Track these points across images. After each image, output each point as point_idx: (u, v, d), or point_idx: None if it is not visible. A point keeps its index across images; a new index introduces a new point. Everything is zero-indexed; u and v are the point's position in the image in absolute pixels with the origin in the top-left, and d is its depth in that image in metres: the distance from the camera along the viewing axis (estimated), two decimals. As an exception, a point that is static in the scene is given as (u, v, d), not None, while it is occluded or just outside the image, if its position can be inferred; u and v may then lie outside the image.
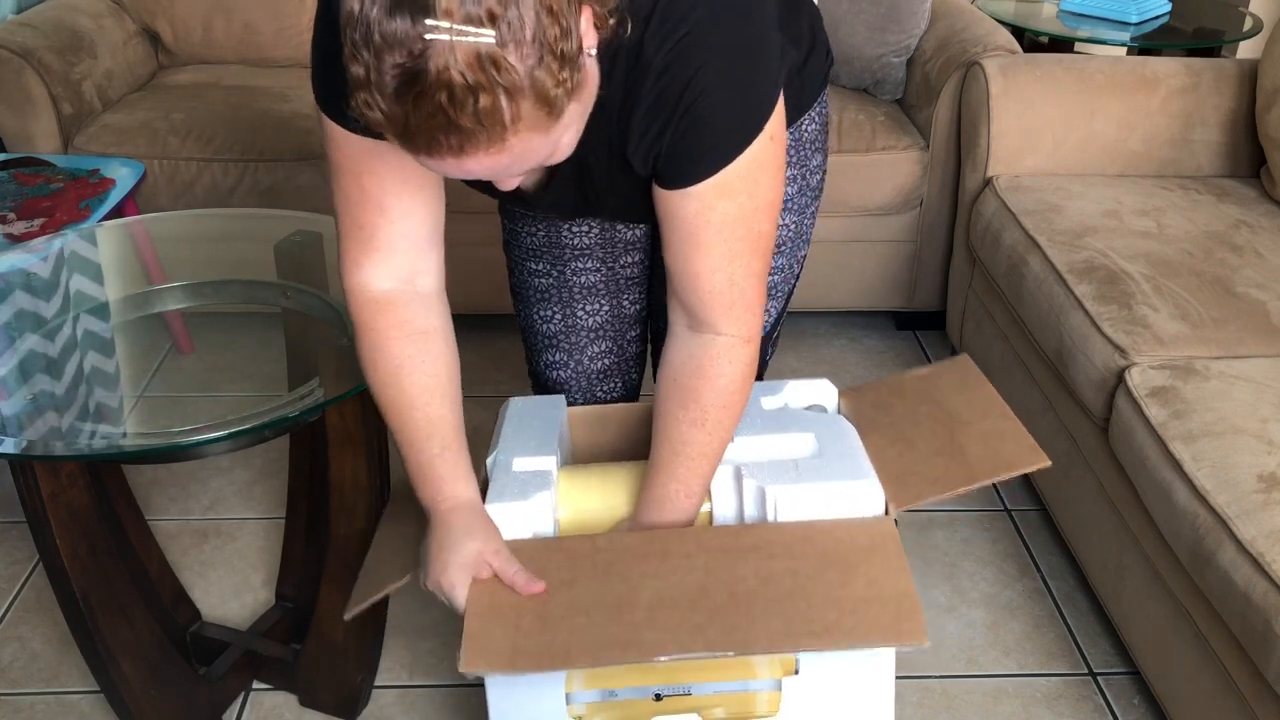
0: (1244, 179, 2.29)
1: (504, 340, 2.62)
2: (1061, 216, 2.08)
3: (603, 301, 1.42)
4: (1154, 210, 2.11)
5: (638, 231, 1.39)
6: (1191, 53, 2.86)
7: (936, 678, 1.74)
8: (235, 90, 2.62)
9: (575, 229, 1.36)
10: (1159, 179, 2.28)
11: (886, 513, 1.15)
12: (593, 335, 1.44)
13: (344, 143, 1.04)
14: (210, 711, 1.60)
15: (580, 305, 1.41)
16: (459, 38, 0.77)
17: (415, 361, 1.15)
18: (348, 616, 1.17)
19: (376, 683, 1.70)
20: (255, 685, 1.70)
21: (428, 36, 0.77)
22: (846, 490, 1.14)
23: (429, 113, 0.79)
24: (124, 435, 1.46)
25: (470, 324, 2.61)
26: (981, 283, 2.28)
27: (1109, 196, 2.16)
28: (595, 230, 1.37)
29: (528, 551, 1.12)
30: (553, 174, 1.11)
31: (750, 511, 1.18)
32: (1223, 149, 2.31)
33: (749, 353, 1.12)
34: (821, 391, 1.35)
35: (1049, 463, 1.13)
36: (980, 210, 2.27)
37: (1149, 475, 1.55)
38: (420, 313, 1.15)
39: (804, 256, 1.39)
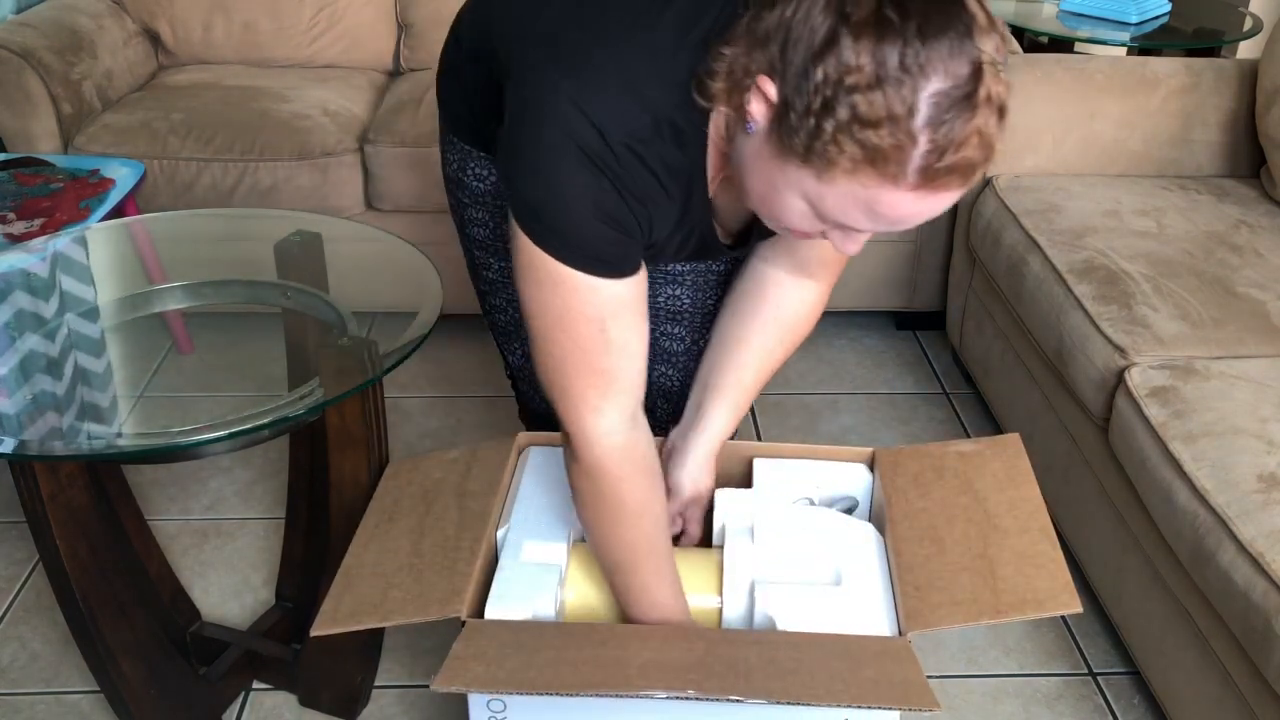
0: (1244, 179, 2.29)
1: (504, 340, 2.62)
2: (1061, 216, 2.08)
3: None
4: (1154, 210, 2.11)
5: None
6: (1191, 53, 2.86)
7: (936, 678, 1.74)
8: (235, 90, 2.62)
9: None
10: (1159, 179, 2.28)
11: (901, 633, 1.14)
12: None
13: (594, 293, 1.01)
14: (210, 711, 1.60)
15: None
16: (1000, 56, 0.82)
17: (653, 501, 1.14)
18: (314, 634, 1.16)
19: (376, 683, 1.70)
20: (255, 685, 1.70)
21: (983, 59, 0.81)
22: (860, 631, 1.14)
23: (970, 134, 0.83)
24: (122, 435, 1.46)
25: (471, 324, 2.61)
26: (981, 283, 2.28)
27: (1109, 196, 2.16)
28: None
29: (521, 631, 1.11)
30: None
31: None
32: (1223, 149, 2.30)
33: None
34: (856, 478, 1.34)
35: (1080, 609, 1.11)
36: (980, 210, 2.27)
37: (1149, 475, 1.55)
38: (648, 448, 1.13)
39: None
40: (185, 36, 2.79)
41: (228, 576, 1.92)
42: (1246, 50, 3.21)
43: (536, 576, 1.19)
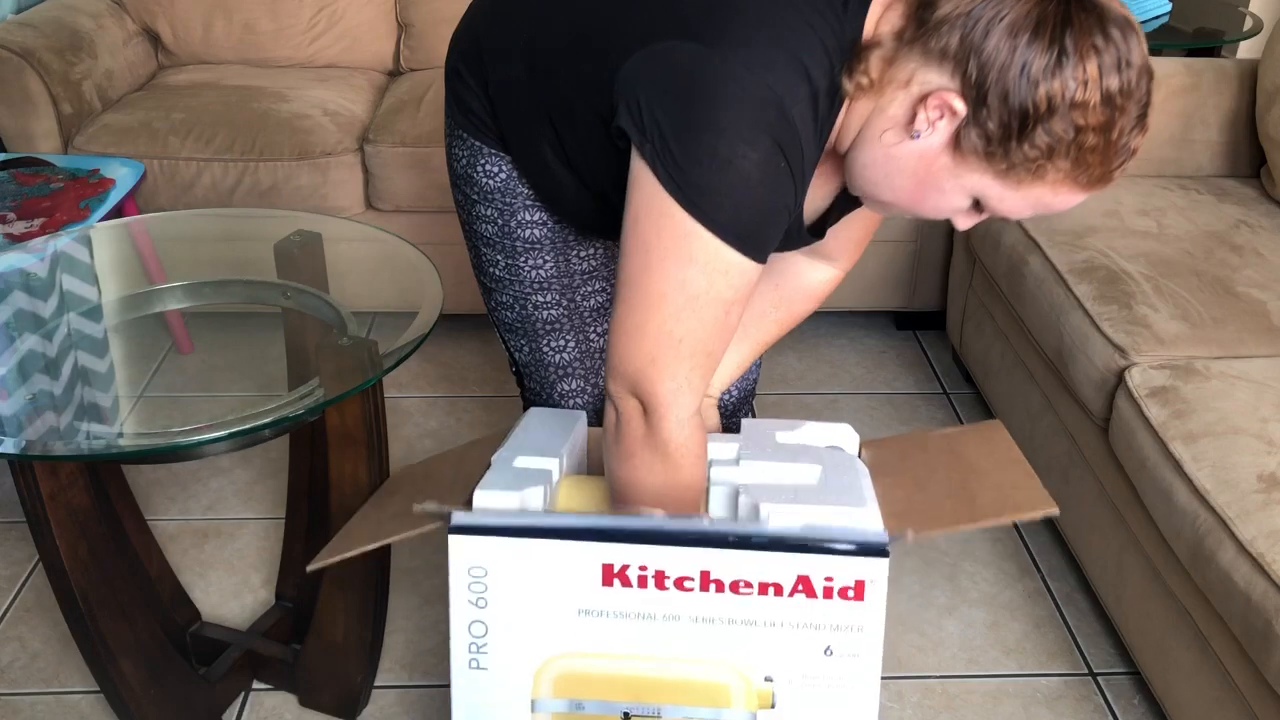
0: (1244, 179, 2.29)
1: (504, 340, 2.62)
2: (1061, 216, 2.08)
3: (568, 337, 1.41)
4: (1154, 210, 2.11)
5: None
6: (1191, 53, 2.86)
7: (937, 678, 1.74)
8: (235, 90, 2.62)
9: (584, 252, 1.35)
10: (1159, 179, 2.28)
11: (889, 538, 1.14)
12: (604, 356, 1.42)
13: (741, 275, 1.03)
14: (210, 711, 1.60)
15: (592, 328, 1.39)
16: None
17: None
18: (310, 568, 1.17)
19: (376, 683, 1.70)
20: (255, 685, 1.70)
21: (1151, 70, 0.95)
22: (843, 515, 1.12)
23: (1140, 142, 0.97)
24: (122, 435, 1.46)
25: (470, 324, 2.62)
26: (981, 283, 2.28)
27: (1109, 196, 2.16)
28: (601, 250, 1.36)
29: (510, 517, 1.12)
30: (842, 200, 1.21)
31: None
32: (1223, 149, 2.30)
33: None
34: (841, 435, 1.34)
35: (1056, 510, 1.12)
36: (980, 210, 2.26)
37: (1149, 475, 1.55)
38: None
39: None
40: (185, 36, 2.79)
41: (228, 576, 1.92)
42: (1246, 50, 3.21)
43: (528, 476, 1.17)
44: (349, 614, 1.54)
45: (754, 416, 1.59)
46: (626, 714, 1.11)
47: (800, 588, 1.02)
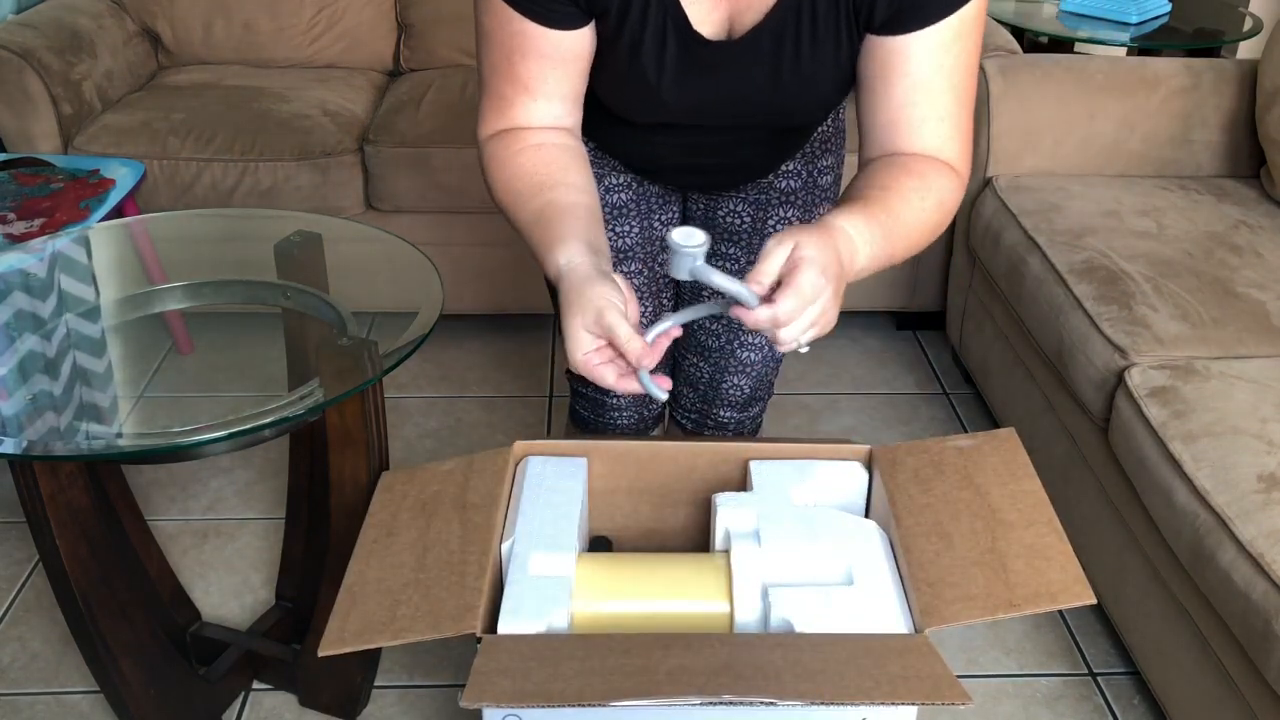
0: (1244, 179, 2.29)
1: (508, 340, 2.62)
2: (1061, 216, 2.08)
3: (646, 304, 1.42)
4: (1154, 210, 2.11)
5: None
6: (1191, 53, 2.86)
7: (936, 678, 1.74)
8: (235, 90, 2.62)
9: (665, 217, 1.39)
10: (1159, 179, 2.28)
11: (917, 630, 1.14)
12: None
13: (507, 20, 1.08)
14: (210, 711, 1.60)
15: (664, 294, 1.44)
16: None
17: (528, 163, 1.14)
18: (322, 654, 1.15)
19: (376, 683, 1.70)
20: (255, 685, 1.70)
21: None
22: (876, 629, 1.15)
23: None
24: (122, 435, 1.46)
25: (474, 323, 2.62)
26: (981, 283, 2.28)
27: (1109, 196, 2.16)
28: (636, 231, 1.38)
29: (540, 644, 1.11)
30: (754, 40, 1.10)
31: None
32: (1223, 149, 2.30)
33: (961, 189, 1.15)
34: (853, 477, 1.35)
35: (1093, 599, 1.13)
36: (980, 210, 2.27)
37: (1149, 475, 1.55)
38: (540, 132, 1.15)
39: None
40: (185, 36, 2.79)
41: (228, 576, 1.92)
42: (1246, 50, 3.21)
43: (547, 590, 1.18)
44: (349, 614, 1.54)
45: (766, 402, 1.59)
46: None
47: None
